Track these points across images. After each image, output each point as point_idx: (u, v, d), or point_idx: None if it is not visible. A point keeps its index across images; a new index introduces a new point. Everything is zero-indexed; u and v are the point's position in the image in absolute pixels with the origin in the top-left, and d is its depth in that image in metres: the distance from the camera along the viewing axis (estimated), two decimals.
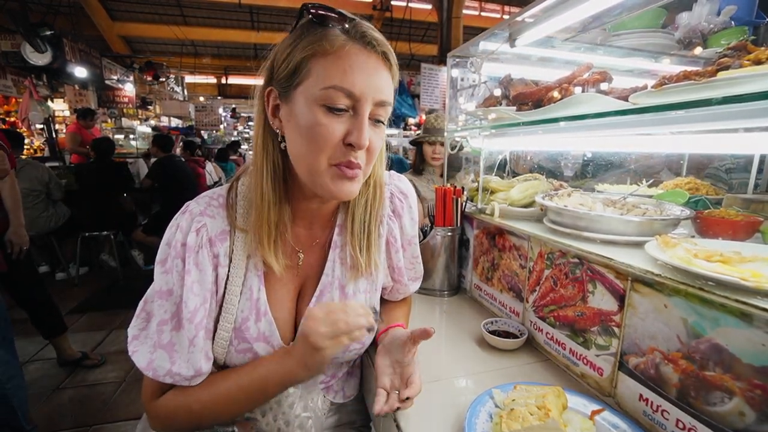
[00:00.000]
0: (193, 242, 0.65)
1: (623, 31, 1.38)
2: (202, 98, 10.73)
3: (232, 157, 7.08)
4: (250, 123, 14.51)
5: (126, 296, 3.58)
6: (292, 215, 0.72)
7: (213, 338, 0.68)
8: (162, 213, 4.12)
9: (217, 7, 9.25)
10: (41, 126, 5.86)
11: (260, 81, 0.67)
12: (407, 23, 7.86)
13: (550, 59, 1.47)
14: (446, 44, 6.59)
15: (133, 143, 7.16)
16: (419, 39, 10.01)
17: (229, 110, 12.65)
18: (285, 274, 0.72)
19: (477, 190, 1.34)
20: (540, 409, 0.63)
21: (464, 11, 6.90)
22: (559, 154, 2.45)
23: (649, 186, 1.43)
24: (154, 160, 4.25)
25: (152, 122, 8.70)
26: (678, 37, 1.34)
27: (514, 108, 1.11)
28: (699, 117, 0.66)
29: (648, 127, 0.79)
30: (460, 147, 1.60)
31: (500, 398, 0.71)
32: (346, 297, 0.76)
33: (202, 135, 8.95)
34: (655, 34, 1.35)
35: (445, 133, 1.81)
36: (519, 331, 1.00)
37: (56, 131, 6.03)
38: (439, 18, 6.83)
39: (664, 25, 1.38)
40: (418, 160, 2.35)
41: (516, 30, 1.27)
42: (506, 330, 1.01)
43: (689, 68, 0.69)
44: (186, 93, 10.35)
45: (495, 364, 0.90)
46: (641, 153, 1.85)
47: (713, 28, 1.27)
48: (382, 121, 0.64)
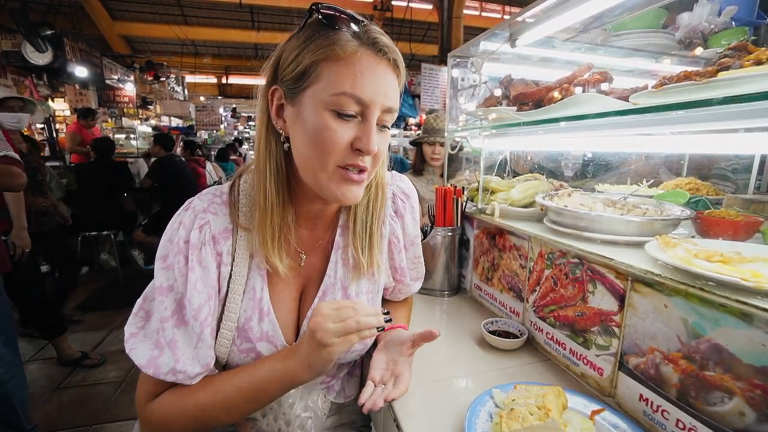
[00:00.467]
0: (197, 239, 0.64)
1: (624, 32, 1.38)
2: (202, 98, 10.74)
3: (233, 157, 7.08)
4: (250, 123, 14.53)
5: (126, 296, 3.58)
6: (296, 217, 0.71)
7: (216, 337, 0.68)
8: (162, 213, 4.12)
9: (218, 6, 9.27)
10: (41, 126, 5.86)
11: (262, 80, 0.66)
12: (408, 23, 7.87)
13: (551, 59, 1.47)
14: (447, 44, 6.60)
15: (133, 143, 7.15)
16: (420, 39, 10.02)
17: (230, 110, 12.66)
18: (288, 275, 0.71)
19: (477, 190, 1.35)
20: (540, 409, 0.63)
21: (465, 11, 6.91)
22: (559, 154, 2.45)
23: (650, 186, 1.43)
24: (153, 160, 4.25)
25: (153, 122, 8.69)
26: (678, 38, 1.34)
27: (515, 108, 1.11)
28: (699, 117, 0.67)
29: (648, 127, 0.79)
30: (460, 147, 1.60)
31: (500, 398, 0.71)
32: (349, 298, 0.76)
33: (205, 140, 8.95)
34: (655, 34, 1.35)
35: (445, 134, 1.81)
36: (519, 331, 1.00)
37: (57, 131, 6.02)
38: (440, 18, 6.84)
39: (665, 26, 1.38)
40: (418, 161, 2.35)
41: (516, 30, 1.27)
42: (506, 330, 1.01)
43: (690, 68, 0.69)
44: (186, 93, 10.36)
45: (495, 364, 0.90)
46: (641, 153, 1.85)
47: (714, 29, 1.27)
48: (388, 126, 0.64)
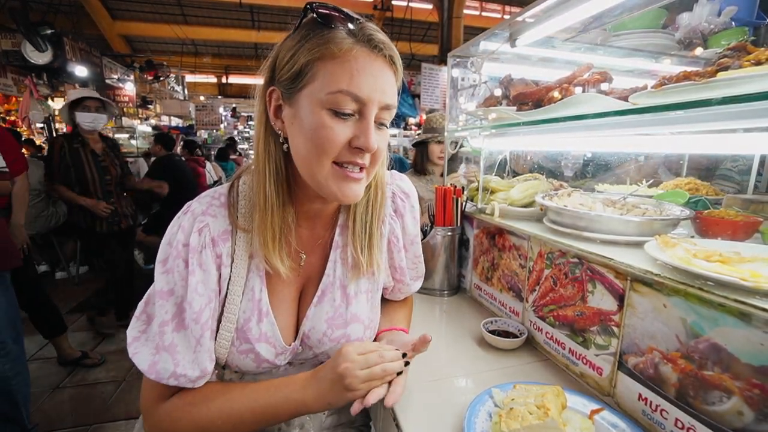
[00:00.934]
0: (196, 242, 0.64)
1: (623, 32, 1.38)
2: (202, 97, 10.74)
3: (232, 156, 7.08)
4: (250, 122, 14.50)
5: None
6: (296, 217, 0.71)
7: (215, 339, 0.68)
8: (162, 213, 4.12)
9: (218, 6, 9.27)
10: (41, 125, 5.86)
11: (261, 80, 0.65)
12: (408, 23, 7.87)
13: (551, 59, 1.47)
14: (447, 44, 6.61)
15: (133, 142, 7.15)
16: (420, 39, 10.02)
17: (230, 109, 12.65)
18: (287, 275, 0.71)
19: (477, 189, 1.35)
20: (539, 408, 0.63)
21: (465, 11, 6.92)
22: (559, 154, 2.44)
23: (649, 186, 1.43)
24: (153, 159, 4.25)
25: (153, 121, 8.68)
26: (678, 38, 1.34)
27: (515, 108, 1.12)
28: (698, 117, 0.67)
29: (648, 127, 0.79)
30: (460, 146, 1.60)
31: (500, 397, 0.71)
32: (348, 297, 0.76)
33: (205, 140, 8.95)
34: (655, 34, 1.35)
35: (445, 133, 1.81)
36: (518, 330, 1.00)
37: (56, 130, 6.02)
38: (440, 18, 6.84)
39: (665, 26, 1.38)
40: (420, 160, 2.31)
41: (516, 30, 1.27)
42: (506, 330, 1.02)
43: (689, 69, 0.69)
44: (186, 92, 10.34)
45: (494, 363, 0.90)
46: (641, 153, 1.85)
47: (714, 29, 1.27)
48: (386, 124, 0.64)
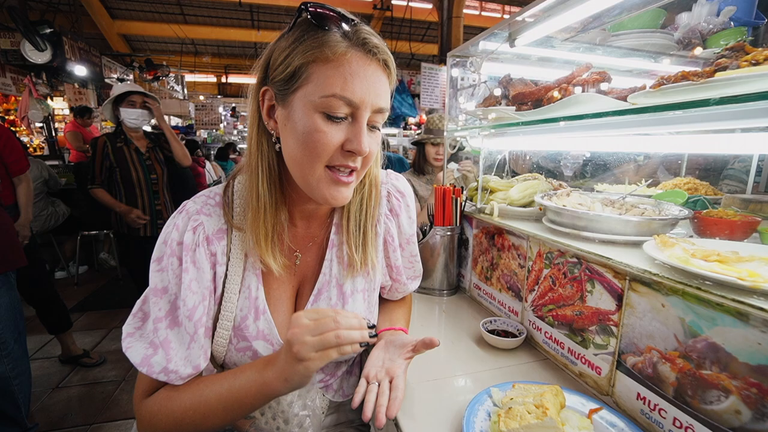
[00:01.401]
0: (190, 240, 0.64)
1: (623, 32, 1.38)
2: (202, 97, 10.70)
3: (232, 156, 7.08)
4: None
5: (125, 295, 3.58)
6: (289, 216, 0.72)
7: (212, 337, 0.68)
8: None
9: (218, 5, 9.26)
10: (41, 124, 5.85)
11: (254, 80, 0.66)
12: (407, 23, 7.87)
13: (550, 59, 1.47)
14: (446, 44, 6.60)
15: None
16: (419, 38, 10.02)
17: (229, 109, 12.63)
18: (283, 273, 0.71)
19: (476, 189, 1.35)
20: (538, 407, 0.63)
21: (465, 11, 6.91)
22: (558, 154, 2.45)
23: (648, 186, 1.44)
24: None
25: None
26: (677, 38, 1.34)
27: (514, 108, 1.12)
28: (697, 117, 0.67)
29: (646, 127, 0.79)
30: (460, 147, 1.60)
31: (498, 397, 0.71)
32: (344, 296, 0.76)
33: (204, 139, 8.93)
34: (654, 34, 1.35)
35: (444, 133, 1.81)
36: (518, 330, 1.00)
37: (56, 130, 6.02)
38: (440, 17, 6.84)
39: (664, 26, 1.38)
40: (419, 160, 2.33)
41: (516, 30, 1.27)
42: (505, 329, 1.02)
43: (688, 68, 0.69)
44: (186, 92, 10.32)
45: (493, 363, 0.91)
46: (640, 153, 1.85)
47: (712, 29, 1.27)
48: (378, 127, 0.64)
